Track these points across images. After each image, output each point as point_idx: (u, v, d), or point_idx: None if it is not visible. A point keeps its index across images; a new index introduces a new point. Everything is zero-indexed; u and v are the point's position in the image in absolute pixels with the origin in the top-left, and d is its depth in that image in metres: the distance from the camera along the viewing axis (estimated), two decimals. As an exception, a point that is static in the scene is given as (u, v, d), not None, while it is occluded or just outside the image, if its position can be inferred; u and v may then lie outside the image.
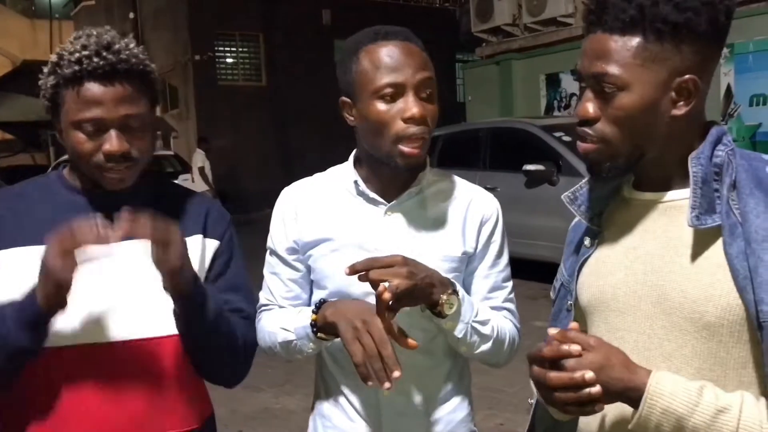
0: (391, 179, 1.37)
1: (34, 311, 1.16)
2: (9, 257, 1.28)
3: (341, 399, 1.42)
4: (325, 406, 1.44)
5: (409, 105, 1.27)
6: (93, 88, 1.23)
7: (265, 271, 1.49)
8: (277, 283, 1.46)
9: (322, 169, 1.50)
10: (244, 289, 1.47)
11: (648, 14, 0.99)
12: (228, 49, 16.11)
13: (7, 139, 18.65)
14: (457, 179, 1.47)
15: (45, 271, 1.14)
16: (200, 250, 1.40)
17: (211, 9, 15.02)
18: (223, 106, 15.21)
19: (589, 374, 0.95)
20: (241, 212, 14.39)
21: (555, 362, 0.98)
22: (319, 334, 1.31)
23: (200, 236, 1.40)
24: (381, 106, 1.28)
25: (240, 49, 16.23)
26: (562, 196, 1.22)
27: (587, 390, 0.95)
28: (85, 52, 1.22)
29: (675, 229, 1.06)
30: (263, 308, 1.48)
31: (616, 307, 1.12)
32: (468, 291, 1.40)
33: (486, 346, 1.34)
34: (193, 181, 11.74)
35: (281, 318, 1.41)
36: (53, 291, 1.14)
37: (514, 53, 11.31)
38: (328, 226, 1.39)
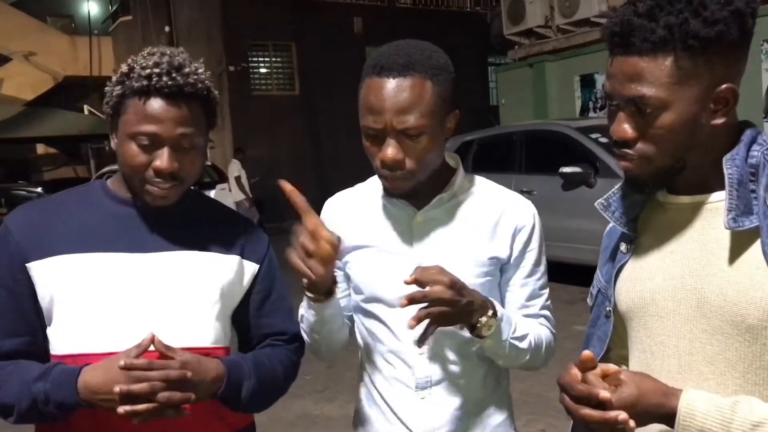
0: (422, 187, 1.37)
1: (71, 395, 1.20)
2: (49, 266, 1.29)
3: (381, 403, 1.43)
4: (367, 412, 1.47)
5: (385, 149, 1.29)
6: (156, 104, 1.27)
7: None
8: None
9: (356, 175, 1.51)
10: (286, 310, 1.49)
11: (677, 33, 0.97)
12: (261, 59, 16.30)
13: (50, 154, 19.17)
14: (493, 185, 1.46)
15: (94, 388, 1.18)
16: (237, 271, 1.41)
17: (245, 20, 15.23)
18: (257, 116, 15.38)
19: (623, 415, 0.94)
20: (276, 221, 14.53)
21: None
22: (309, 295, 1.34)
23: (237, 257, 1.41)
24: (366, 142, 1.33)
25: (273, 59, 16.40)
26: (596, 204, 1.21)
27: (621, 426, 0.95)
28: (156, 70, 1.27)
29: (712, 231, 1.05)
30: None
31: (656, 311, 1.10)
32: (504, 299, 1.41)
33: (523, 359, 1.36)
34: (230, 191, 11.90)
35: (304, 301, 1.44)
36: (93, 400, 1.19)
37: (547, 55, 11.22)
38: (362, 233, 1.42)
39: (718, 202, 1.05)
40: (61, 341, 1.29)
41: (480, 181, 1.46)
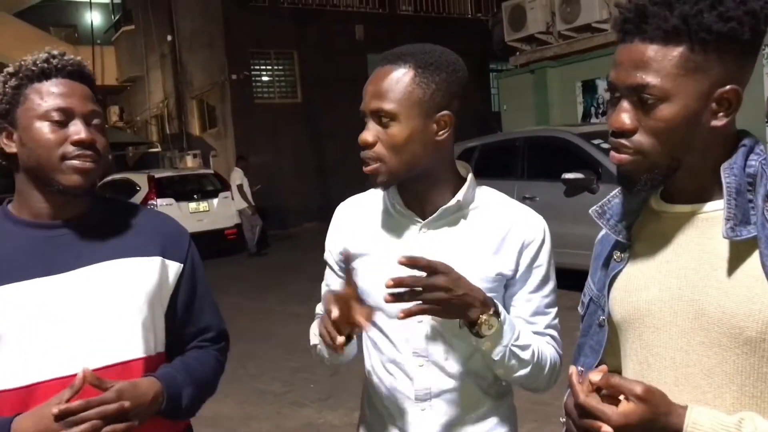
0: (429, 195, 1.37)
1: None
2: None
3: (384, 414, 1.43)
4: (370, 421, 1.47)
5: (364, 131, 1.33)
6: (61, 82, 1.29)
7: (323, 284, 1.55)
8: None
9: (359, 183, 1.51)
10: (211, 306, 1.51)
11: (692, 24, 0.96)
12: (263, 67, 16.33)
13: None
14: (505, 199, 1.43)
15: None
16: (161, 273, 1.39)
17: (246, 29, 15.27)
18: (260, 124, 15.40)
19: (606, 429, 0.93)
20: (279, 227, 14.55)
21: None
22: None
23: (160, 258, 1.39)
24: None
25: (275, 67, 16.44)
26: (590, 211, 1.19)
27: None
28: (53, 53, 1.30)
29: (709, 241, 1.03)
30: (317, 317, 1.53)
31: (651, 323, 1.08)
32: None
33: (524, 371, 1.32)
34: (233, 199, 11.91)
35: (316, 323, 1.46)
36: None
37: (548, 61, 11.23)
38: (368, 241, 1.41)
39: (714, 211, 1.04)
40: None
41: (491, 193, 1.43)
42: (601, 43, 10.23)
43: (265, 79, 16.44)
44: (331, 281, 1.50)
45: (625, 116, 1.03)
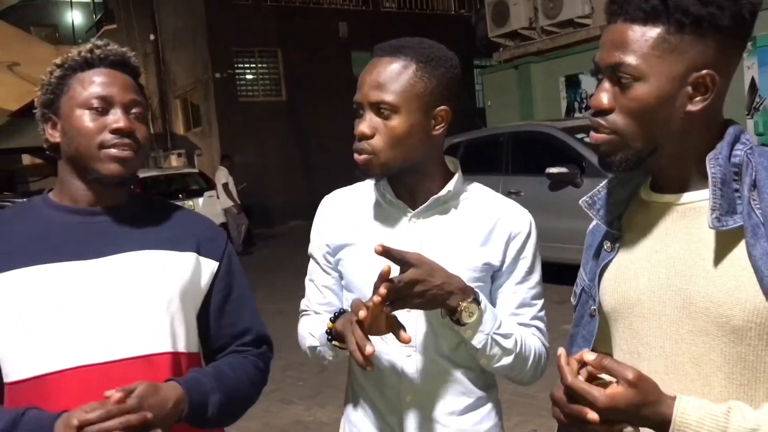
0: (418, 187, 1.38)
1: None
2: None
3: (369, 407, 1.43)
4: (354, 413, 1.47)
5: (360, 122, 1.32)
6: (103, 71, 1.31)
7: (306, 278, 1.53)
8: (312, 290, 1.50)
9: (344, 179, 1.52)
10: (250, 309, 1.47)
11: (671, 5, 0.98)
12: (247, 65, 16.27)
13: (36, 164, 19.00)
14: (492, 193, 1.45)
15: None
16: (194, 270, 1.37)
17: (230, 27, 15.20)
18: (244, 122, 15.34)
19: (592, 415, 0.93)
20: (265, 226, 14.51)
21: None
22: (334, 342, 1.33)
23: (194, 254, 1.38)
24: (356, 119, 1.35)
25: (259, 65, 16.38)
26: (580, 201, 1.20)
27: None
28: (98, 44, 1.32)
29: (696, 231, 1.04)
30: (302, 313, 1.52)
31: (641, 312, 1.09)
32: (495, 306, 1.39)
33: (507, 360, 1.32)
34: (218, 198, 11.86)
35: (311, 323, 1.45)
36: None
37: (532, 56, 11.27)
38: (356, 231, 1.42)
39: (701, 201, 1.04)
40: (14, 366, 1.23)
41: (478, 187, 1.45)
42: (583, 38, 10.28)
43: (249, 77, 16.38)
44: (317, 276, 1.49)
45: (604, 96, 1.05)
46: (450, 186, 1.38)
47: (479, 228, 1.38)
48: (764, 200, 0.98)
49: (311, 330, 1.43)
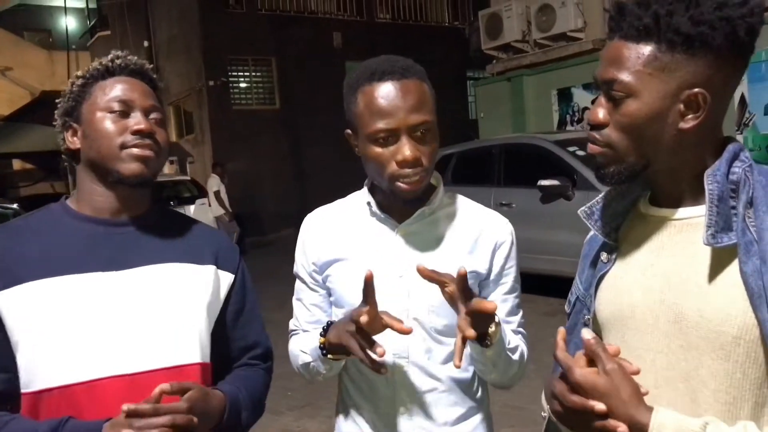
0: (402, 201, 1.38)
1: None
2: (16, 296, 1.22)
3: (360, 419, 1.43)
4: (345, 425, 1.47)
5: (402, 149, 1.29)
6: (124, 78, 1.34)
7: (293, 298, 1.53)
8: (301, 309, 1.50)
9: (337, 189, 1.52)
10: (258, 322, 1.49)
11: (663, 24, 0.99)
12: (241, 74, 16.27)
13: (27, 169, 18.91)
14: (472, 203, 1.48)
15: None
16: (214, 281, 1.39)
17: (224, 35, 15.20)
18: (237, 130, 15.32)
19: (600, 406, 0.95)
20: (257, 234, 14.47)
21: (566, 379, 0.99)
22: (329, 355, 1.33)
23: (213, 267, 1.40)
24: (376, 149, 1.31)
25: (253, 74, 16.38)
26: (579, 211, 1.21)
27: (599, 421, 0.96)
28: (118, 54, 1.36)
29: (691, 246, 1.05)
30: (291, 333, 1.52)
31: (634, 325, 1.10)
32: None
33: (511, 372, 1.37)
34: (210, 205, 11.83)
35: (302, 341, 1.45)
36: None
37: (525, 69, 11.33)
38: (343, 246, 1.42)
39: (698, 217, 1.05)
40: (38, 375, 1.22)
41: (459, 197, 1.48)
42: (576, 52, 10.34)
43: (242, 85, 16.37)
44: (304, 295, 1.49)
45: (600, 110, 1.07)
46: (435, 198, 1.40)
47: (465, 237, 1.40)
48: (759, 217, 0.98)
49: (302, 347, 1.42)
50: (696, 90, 1.00)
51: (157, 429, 1.10)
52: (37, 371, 1.22)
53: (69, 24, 21.86)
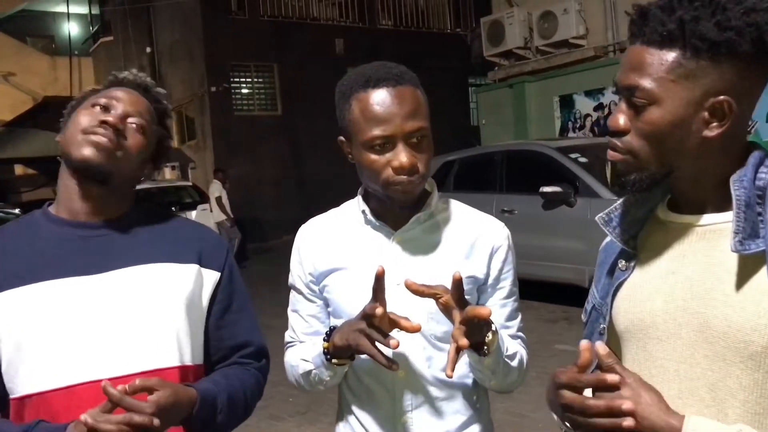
0: (398, 207, 1.37)
1: None
2: None
3: (361, 427, 1.42)
4: (346, 435, 1.45)
5: (399, 156, 1.29)
6: (120, 89, 1.36)
7: (289, 310, 1.51)
8: (297, 320, 1.48)
9: (338, 195, 1.52)
10: (249, 320, 1.46)
11: (687, 30, 0.96)
12: (243, 80, 16.30)
13: (28, 174, 18.94)
14: (467, 207, 1.47)
15: None
16: (195, 280, 1.37)
17: (226, 41, 15.24)
18: (239, 136, 15.34)
19: (627, 404, 0.93)
20: (259, 240, 14.46)
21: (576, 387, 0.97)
22: (333, 360, 1.32)
23: (196, 266, 1.37)
24: (372, 155, 1.31)
25: (255, 80, 16.41)
26: (597, 218, 1.18)
27: (621, 421, 0.93)
28: (118, 74, 1.41)
29: (716, 254, 1.02)
30: (288, 345, 1.50)
31: (656, 335, 1.07)
32: None
33: (511, 379, 1.36)
34: (212, 211, 11.84)
35: (301, 350, 1.43)
36: None
37: (526, 76, 11.35)
38: (340, 255, 1.41)
39: (722, 223, 1.02)
40: (17, 383, 1.22)
41: (453, 203, 1.47)
42: (578, 59, 10.37)
43: (244, 91, 16.40)
44: (301, 306, 1.48)
45: (621, 117, 1.04)
46: (430, 204, 1.40)
47: (461, 242, 1.39)
48: None
49: (302, 356, 1.41)
50: (722, 98, 0.97)
51: (115, 426, 1.07)
52: (17, 379, 1.23)
53: (72, 30, 21.91)
